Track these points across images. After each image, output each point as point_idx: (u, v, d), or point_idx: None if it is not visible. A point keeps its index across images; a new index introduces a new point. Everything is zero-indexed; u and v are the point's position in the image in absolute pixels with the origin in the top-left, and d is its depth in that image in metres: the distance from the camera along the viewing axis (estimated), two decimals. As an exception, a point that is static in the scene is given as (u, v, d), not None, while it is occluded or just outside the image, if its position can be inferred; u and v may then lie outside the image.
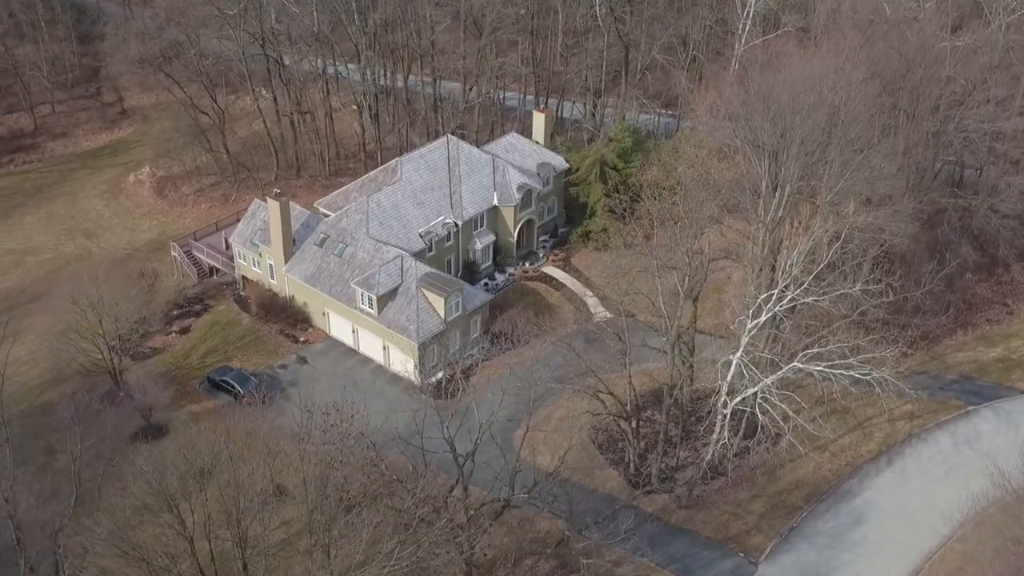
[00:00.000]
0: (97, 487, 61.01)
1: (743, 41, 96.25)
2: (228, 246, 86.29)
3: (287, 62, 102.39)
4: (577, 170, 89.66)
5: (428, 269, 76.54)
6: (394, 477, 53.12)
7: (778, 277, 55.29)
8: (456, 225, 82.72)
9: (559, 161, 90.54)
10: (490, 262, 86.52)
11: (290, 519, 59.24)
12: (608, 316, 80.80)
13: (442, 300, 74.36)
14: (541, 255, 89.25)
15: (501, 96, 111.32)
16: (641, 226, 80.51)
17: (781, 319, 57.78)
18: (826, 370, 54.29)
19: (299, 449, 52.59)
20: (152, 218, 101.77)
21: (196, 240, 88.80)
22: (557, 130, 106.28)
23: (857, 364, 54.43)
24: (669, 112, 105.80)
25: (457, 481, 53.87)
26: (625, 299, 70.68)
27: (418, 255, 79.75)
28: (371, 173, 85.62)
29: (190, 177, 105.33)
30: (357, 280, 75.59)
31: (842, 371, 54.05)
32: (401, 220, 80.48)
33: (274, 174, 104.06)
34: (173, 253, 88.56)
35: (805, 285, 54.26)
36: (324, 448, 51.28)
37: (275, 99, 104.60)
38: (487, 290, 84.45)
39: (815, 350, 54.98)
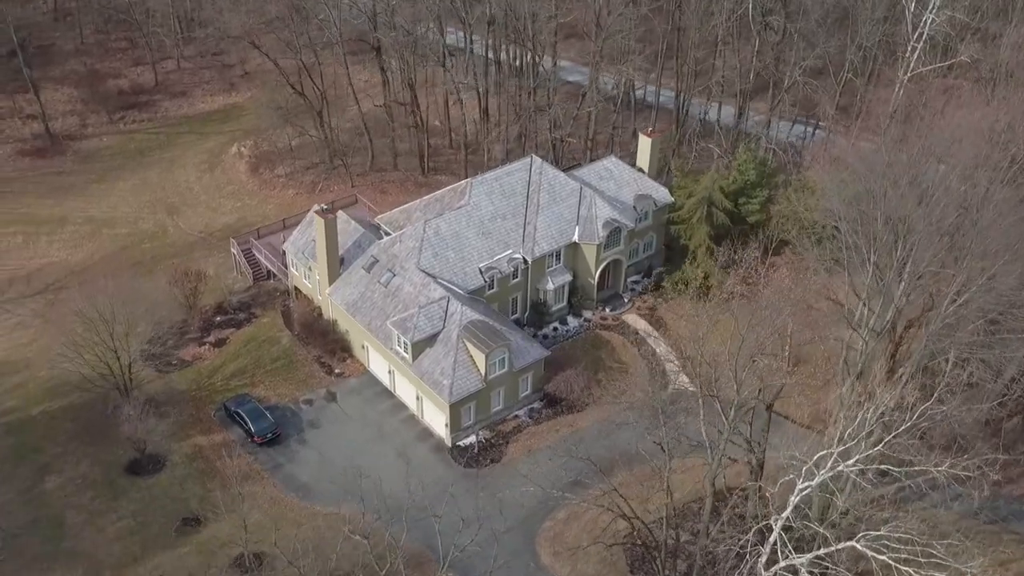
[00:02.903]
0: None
1: (910, 67, 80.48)
2: (284, 251, 79.20)
3: (393, 45, 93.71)
4: (681, 207, 77.10)
5: (475, 316, 66.61)
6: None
7: (836, 436, 42.51)
8: (525, 261, 72.36)
9: (662, 194, 78.18)
10: (564, 304, 75.66)
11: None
12: (687, 387, 68.39)
13: (483, 356, 64.60)
14: (627, 299, 77.55)
15: (641, 93, 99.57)
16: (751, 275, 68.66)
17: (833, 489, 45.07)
18: (891, 562, 41.55)
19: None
20: (237, 199, 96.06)
21: (258, 238, 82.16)
22: (693, 135, 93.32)
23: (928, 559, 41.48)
24: (822, 124, 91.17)
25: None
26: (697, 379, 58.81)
27: (476, 292, 70.14)
28: (438, 192, 76.01)
29: (284, 158, 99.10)
30: (393, 320, 66.67)
31: (913, 570, 41.13)
32: (460, 252, 70.77)
33: (368, 164, 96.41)
34: (232, 250, 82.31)
35: (871, 453, 41.35)
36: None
37: (384, 84, 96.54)
38: (555, 336, 74.06)
39: (879, 532, 42.23)
